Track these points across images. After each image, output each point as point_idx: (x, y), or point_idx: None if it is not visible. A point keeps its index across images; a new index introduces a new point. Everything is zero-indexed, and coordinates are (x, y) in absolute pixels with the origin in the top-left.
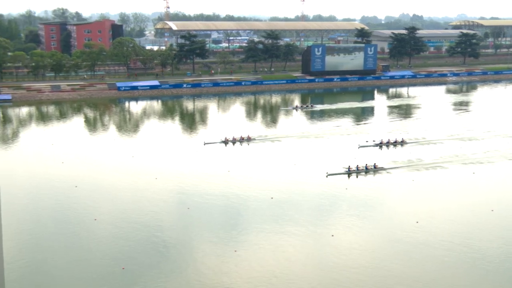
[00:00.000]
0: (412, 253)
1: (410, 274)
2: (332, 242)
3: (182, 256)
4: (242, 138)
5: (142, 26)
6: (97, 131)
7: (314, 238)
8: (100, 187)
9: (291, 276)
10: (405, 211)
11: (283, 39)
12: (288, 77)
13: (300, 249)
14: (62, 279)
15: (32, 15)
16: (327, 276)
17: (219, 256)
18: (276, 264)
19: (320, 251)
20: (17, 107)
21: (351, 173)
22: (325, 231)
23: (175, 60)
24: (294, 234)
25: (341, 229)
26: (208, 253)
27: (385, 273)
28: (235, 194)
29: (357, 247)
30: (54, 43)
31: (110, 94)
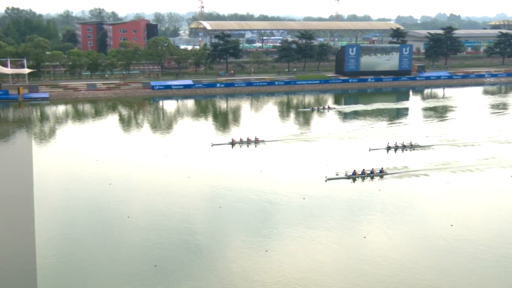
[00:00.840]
0: (446, 257)
1: (444, 279)
2: (364, 244)
3: (213, 255)
4: (249, 140)
5: (177, 26)
6: (131, 130)
7: (346, 239)
8: (134, 185)
9: (322, 277)
10: (439, 214)
11: (317, 39)
12: (322, 77)
13: (331, 250)
14: (94, 276)
15: (69, 15)
16: (358, 278)
17: (250, 256)
18: (307, 265)
19: (352, 252)
20: (54, 105)
21: (356, 177)
22: (357, 233)
23: (209, 59)
24: (325, 235)
25: (373, 230)
26: (239, 252)
27: (419, 277)
28: (267, 193)
29: (390, 250)
30: (91, 43)
31: (144, 93)
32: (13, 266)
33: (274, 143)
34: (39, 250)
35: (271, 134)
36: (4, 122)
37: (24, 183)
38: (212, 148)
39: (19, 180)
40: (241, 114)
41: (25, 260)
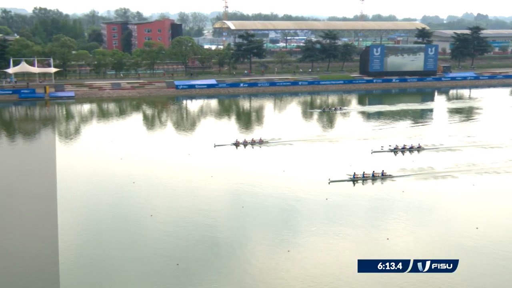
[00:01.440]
0: (472, 260)
1: (469, 282)
2: (388, 245)
3: (235, 255)
4: (253, 141)
5: (201, 26)
6: (155, 129)
7: (369, 241)
8: (157, 184)
9: (345, 279)
10: (464, 216)
11: (341, 39)
12: (346, 77)
13: (354, 251)
14: (117, 274)
15: (95, 15)
16: (381, 280)
17: (272, 256)
18: (329, 266)
19: (375, 254)
20: (80, 104)
21: (356, 179)
22: (380, 234)
23: (233, 59)
24: (348, 236)
25: (396, 232)
26: (262, 252)
27: (443, 280)
28: (290, 194)
29: (413, 252)
30: (116, 42)
31: (168, 92)
32: (36, 263)
33: (278, 144)
34: (61, 248)
35: (279, 135)
36: (31, 120)
37: (48, 180)
38: (215, 149)
39: (43, 177)
40: (263, 114)
41: (48, 257)
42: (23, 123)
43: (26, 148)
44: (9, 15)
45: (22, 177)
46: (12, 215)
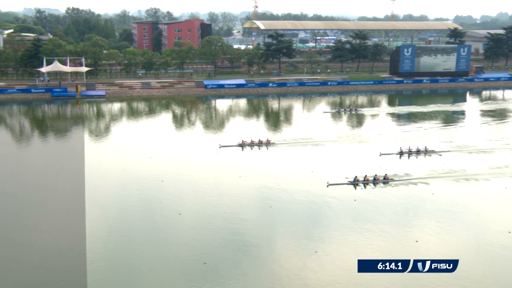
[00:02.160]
0: (504, 265)
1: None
2: (416, 248)
3: (263, 255)
4: (260, 142)
5: (230, 25)
6: (184, 128)
7: (398, 243)
8: (185, 183)
9: (373, 281)
10: (496, 220)
11: (371, 39)
12: (376, 77)
13: (382, 253)
14: (144, 271)
15: (126, 15)
16: (410, 282)
17: (299, 256)
18: (356, 267)
19: (404, 256)
20: (110, 103)
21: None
22: (409, 236)
23: (262, 59)
24: (377, 237)
25: (425, 234)
26: (289, 252)
27: (475, 285)
28: (318, 194)
29: (443, 254)
30: (146, 42)
31: (197, 92)
32: (64, 260)
33: (283, 145)
34: (89, 245)
35: (287, 136)
36: (62, 118)
37: (76, 178)
38: (220, 149)
39: (72, 175)
40: (283, 114)
41: (75, 255)
42: (55, 121)
43: (57, 146)
44: (43, 15)
45: (53, 174)
46: (41, 211)
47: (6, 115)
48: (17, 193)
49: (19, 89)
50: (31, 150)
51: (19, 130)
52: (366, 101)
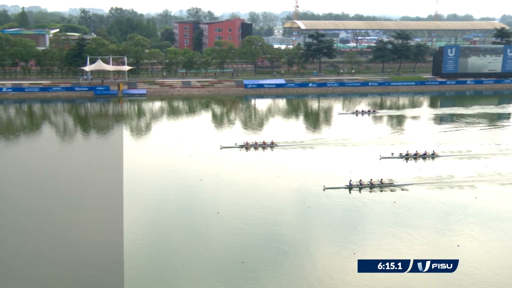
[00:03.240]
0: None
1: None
2: (458, 253)
3: (300, 255)
4: (264, 143)
5: (271, 25)
6: (223, 127)
7: (438, 247)
8: (224, 182)
9: (414, 285)
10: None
11: (414, 39)
12: (418, 78)
13: (423, 257)
14: (181, 269)
15: (168, 15)
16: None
17: (337, 258)
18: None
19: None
20: (151, 101)
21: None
22: (450, 241)
23: (302, 59)
24: (416, 240)
25: (467, 239)
26: (327, 254)
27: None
28: (357, 195)
29: (486, 261)
30: (187, 41)
31: (237, 91)
32: (101, 256)
33: (289, 147)
34: (126, 241)
35: (294, 138)
36: (104, 116)
37: (115, 175)
38: (221, 150)
39: (111, 172)
40: (333, 113)
41: (113, 251)
42: (97, 119)
43: (98, 143)
44: (88, 15)
45: (93, 171)
46: (80, 208)
47: (51, 112)
48: (58, 189)
49: (63, 87)
50: (73, 147)
51: (63, 127)
52: (407, 102)
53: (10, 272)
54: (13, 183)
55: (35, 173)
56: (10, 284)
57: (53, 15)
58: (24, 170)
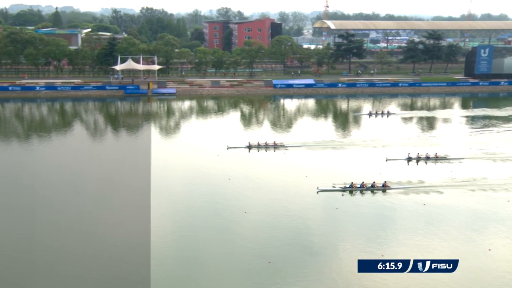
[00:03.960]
0: None
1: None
2: (490, 257)
3: (327, 256)
4: (267, 144)
5: (301, 25)
6: (252, 127)
7: (469, 251)
8: (252, 181)
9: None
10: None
11: (446, 40)
12: (449, 79)
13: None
14: (208, 269)
15: (198, 14)
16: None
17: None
18: (429, 275)
19: (477, 265)
20: (180, 101)
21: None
22: (481, 244)
23: (332, 59)
24: (446, 243)
25: (499, 243)
26: (354, 255)
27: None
28: (386, 197)
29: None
30: (217, 41)
31: (266, 91)
32: (128, 253)
33: (318, 147)
34: (153, 239)
35: (300, 139)
36: (134, 115)
37: (143, 173)
38: (228, 151)
39: (140, 170)
40: (362, 114)
41: (140, 249)
42: (127, 117)
43: (127, 142)
44: (119, 15)
45: (121, 169)
46: (108, 205)
47: (82, 111)
48: (87, 187)
49: (94, 86)
50: (103, 145)
51: (93, 125)
52: (439, 103)
53: (40, 267)
54: (44, 180)
55: (66, 171)
56: (41, 280)
57: (85, 15)
58: (55, 167)
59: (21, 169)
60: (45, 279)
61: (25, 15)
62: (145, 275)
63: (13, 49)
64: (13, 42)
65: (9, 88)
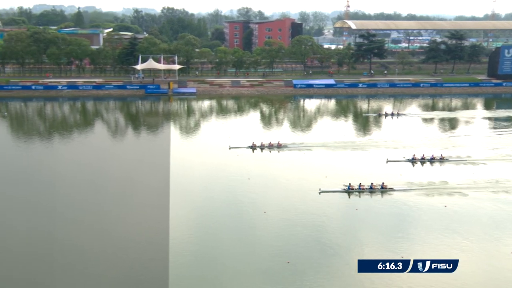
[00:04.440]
0: None
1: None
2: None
3: (346, 257)
4: (271, 145)
5: (321, 25)
6: (271, 126)
7: (491, 255)
8: (271, 181)
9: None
10: None
11: (469, 40)
12: (472, 80)
13: (474, 264)
14: (227, 268)
15: (219, 14)
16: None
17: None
18: (448, 279)
19: (498, 268)
20: (200, 100)
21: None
22: (504, 247)
23: (352, 59)
24: (468, 247)
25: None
26: (374, 256)
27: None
28: (406, 197)
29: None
30: (237, 41)
31: (286, 91)
32: (146, 253)
33: (338, 148)
34: (172, 239)
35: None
36: (154, 114)
37: (162, 173)
38: (230, 151)
39: (159, 169)
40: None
41: (158, 248)
42: (147, 117)
43: (147, 141)
44: (140, 15)
45: (140, 168)
46: (128, 204)
47: (103, 110)
48: (107, 185)
49: (115, 85)
50: (123, 144)
51: (114, 124)
52: (461, 104)
53: (60, 265)
54: (65, 179)
55: (87, 169)
56: (60, 278)
57: (107, 15)
58: (76, 166)
59: (42, 167)
60: (64, 277)
61: (48, 15)
62: (163, 274)
63: (36, 48)
64: (36, 41)
65: (32, 87)
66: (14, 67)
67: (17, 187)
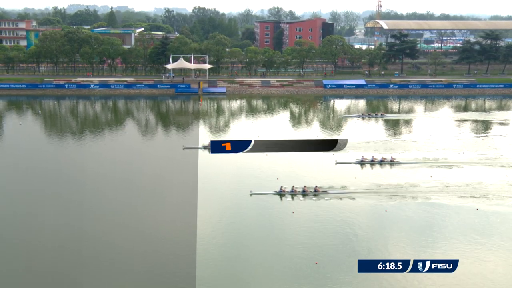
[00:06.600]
0: None
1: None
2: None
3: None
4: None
5: (352, 25)
6: (301, 127)
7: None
8: (300, 182)
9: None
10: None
11: (504, 40)
12: (507, 81)
13: (506, 270)
14: (254, 267)
15: (249, 14)
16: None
17: None
18: (478, 282)
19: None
20: (230, 100)
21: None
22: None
23: (384, 59)
24: (500, 250)
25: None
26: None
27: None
28: (437, 200)
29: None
30: (267, 41)
31: (316, 91)
32: (174, 250)
33: (370, 148)
34: (199, 236)
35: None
36: (184, 113)
37: (191, 171)
38: (184, 151)
39: (187, 168)
40: (416, 116)
41: (186, 246)
42: (177, 116)
43: (177, 139)
44: (172, 15)
45: (170, 166)
46: (158, 202)
47: (134, 108)
48: (137, 183)
49: (146, 84)
50: (153, 142)
51: (144, 123)
52: (495, 105)
53: (89, 260)
54: (96, 176)
55: (117, 167)
56: (88, 272)
57: (139, 14)
58: (107, 163)
59: (74, 164)
60: (92, 272)
61: (81, 15)
62: (190, 272)
63: (70, 48)
64: (70, 41)
65: (65, 85)
66: (48, 66)
67: (49, 183)
